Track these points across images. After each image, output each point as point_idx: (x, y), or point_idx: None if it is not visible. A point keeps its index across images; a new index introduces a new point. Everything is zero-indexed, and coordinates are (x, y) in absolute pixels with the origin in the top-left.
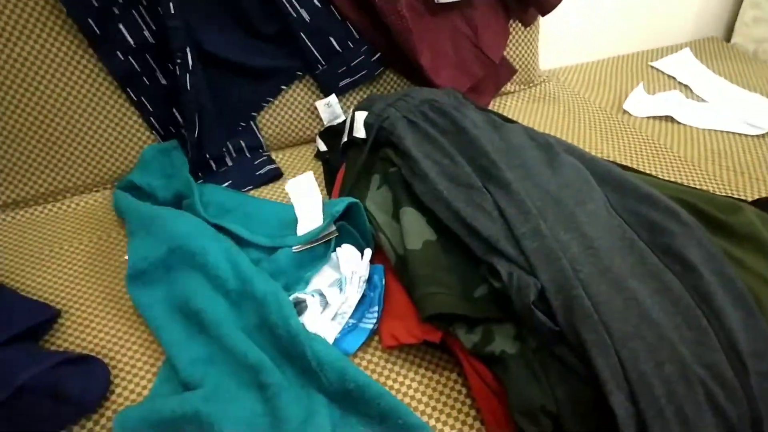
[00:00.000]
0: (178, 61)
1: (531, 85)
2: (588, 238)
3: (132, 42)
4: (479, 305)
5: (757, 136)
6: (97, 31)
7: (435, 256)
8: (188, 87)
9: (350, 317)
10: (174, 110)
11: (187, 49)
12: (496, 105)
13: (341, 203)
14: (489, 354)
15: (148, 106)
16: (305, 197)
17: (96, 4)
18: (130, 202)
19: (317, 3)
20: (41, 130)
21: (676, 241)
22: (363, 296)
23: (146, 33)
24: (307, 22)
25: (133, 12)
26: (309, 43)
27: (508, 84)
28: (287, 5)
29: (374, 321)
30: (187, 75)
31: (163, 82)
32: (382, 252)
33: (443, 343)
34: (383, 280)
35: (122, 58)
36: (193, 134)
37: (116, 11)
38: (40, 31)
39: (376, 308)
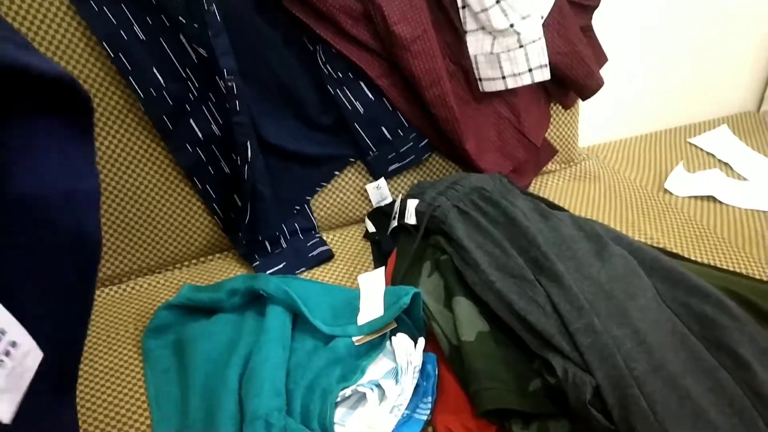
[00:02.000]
0: (240, 153)
1: (571, 164)
2: (641, 333)
3: (200, 135)
4: (534, 400)
5: None
6: (170, 127)
7: (489, 348)
8: (245, 177)
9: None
10: (235, 196)
11: (248, 143)
12: (538, 184)
13: (406, 295)
14: None
15: (212, 194)
16: (372, 290)
17: (171, 103)
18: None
19: (370, 96)
20: (114, 217)
21: (727, 336)
22: (416, 386)
23: (213, 126)
24: (361, 114)
25: (203, 107)
26: (362, 133)
27: (549, 163)
28: (343, 98)
29: (428, 412)
30: (246, 166)
31: (226, 170)
32: (433, 339)
33: None
34: (436, 370)
35: (190, 150)
36: (244, 220)
37: (188, 108)
38: (119, 127)
39: (429, 398)
